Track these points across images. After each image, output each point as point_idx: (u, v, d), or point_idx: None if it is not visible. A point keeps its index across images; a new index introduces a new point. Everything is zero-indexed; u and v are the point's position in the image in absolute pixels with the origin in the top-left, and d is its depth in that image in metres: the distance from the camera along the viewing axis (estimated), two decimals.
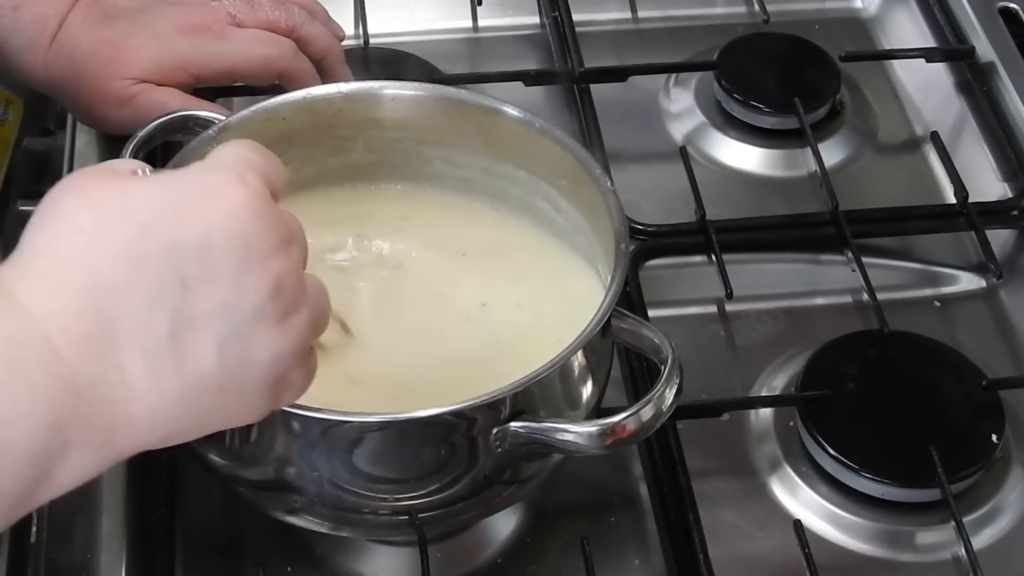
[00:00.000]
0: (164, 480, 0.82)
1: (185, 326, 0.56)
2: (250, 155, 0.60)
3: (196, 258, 0.56)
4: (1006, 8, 1.12)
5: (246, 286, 0.57)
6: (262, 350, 0.58)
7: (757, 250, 0.99)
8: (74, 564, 0.75)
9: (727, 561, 0.80)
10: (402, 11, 1.14)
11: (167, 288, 0.55)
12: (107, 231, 0.55)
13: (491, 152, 0.83)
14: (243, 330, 0.57)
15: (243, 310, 0.57)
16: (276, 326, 0.58)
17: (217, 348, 0.56)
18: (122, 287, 0.55)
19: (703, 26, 1.16)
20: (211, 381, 0.57)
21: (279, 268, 0.58)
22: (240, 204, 0.57)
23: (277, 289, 0.58)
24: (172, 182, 0.58)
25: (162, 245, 0.55)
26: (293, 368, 0.60)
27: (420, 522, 0.72)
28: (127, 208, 0.56)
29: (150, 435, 0.57)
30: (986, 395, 0.87)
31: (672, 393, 0.70)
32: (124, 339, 0.55)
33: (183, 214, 0.56)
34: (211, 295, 0.56)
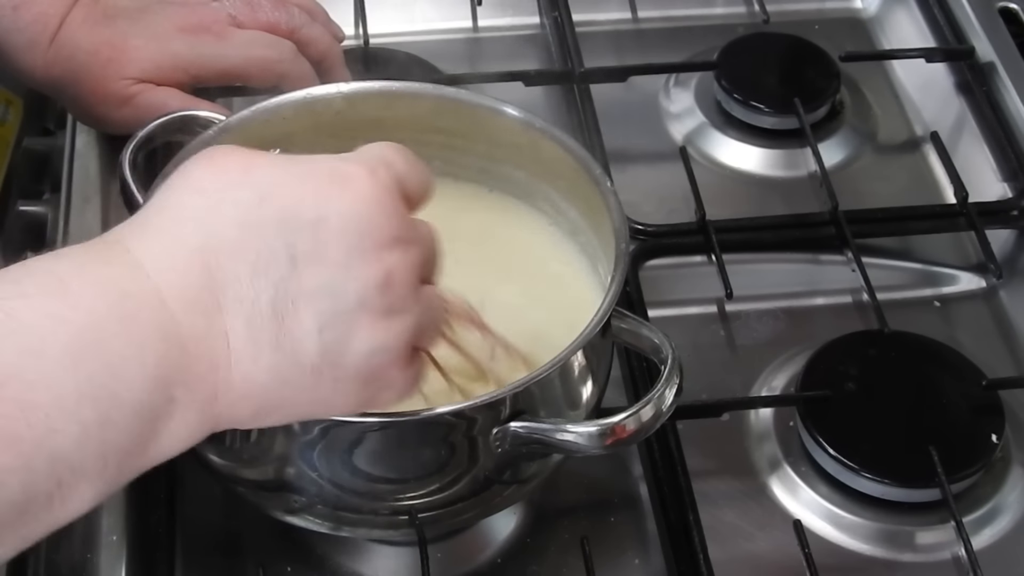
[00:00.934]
0: (164, 480, 0.82)
1: (289, 301, 0.56)
2: (391, 155, 0.61)
3: (309, 235, 0.56)
4: (1006, 8, 1.12)
5: (354, 272, 0.57)
6: (361, 340, 0.58)
7: (757, 250, 0.99)
8: (74, 564, 0.75)
9: (727, 561, 0.80)
10: (402, 11, 1.14)
11: (276, 260, 0.56)
12: (227, 195, 0.57)
13: (491, 152, 0.83)
14: (345, 316, 0.57)
15: (348, 296, 0.57)
16: (379, 319, 0.58)
17: (317, 329, 0.57)
18: (233, 251, 0.56)
19: (703, 26, 1.16)
20: (306, 360, 0.57)
21: (392, 263, 0.58)
22: (364, 193, 0.58)
23: (386, 282, 0.58)
24: (301, 163, 0.59)
25: (277, 217, 0.56)
26: (392, 367, 0.60)
27: (420, 522, 0.72)
28: (250, 177, 0.57)
29: (244, 405, 0.57)
30: (986, 395, 0.87)
31: (672, 393, 0.70)
32: (229, 304, 0.56)
33: (304, 191, 0.57)
34: (318, 274, 0.56)
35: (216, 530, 0.82)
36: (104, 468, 0.52)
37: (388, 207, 0.58)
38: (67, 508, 0.52)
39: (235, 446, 0.71)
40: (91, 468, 0.52)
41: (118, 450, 0.53)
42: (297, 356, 0.57)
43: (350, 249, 0.57)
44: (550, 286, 0.81)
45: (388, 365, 0.59)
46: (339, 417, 0.65)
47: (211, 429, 0.57)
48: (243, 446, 0.70)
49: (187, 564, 0.80)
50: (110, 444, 0.52)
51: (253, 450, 0.70)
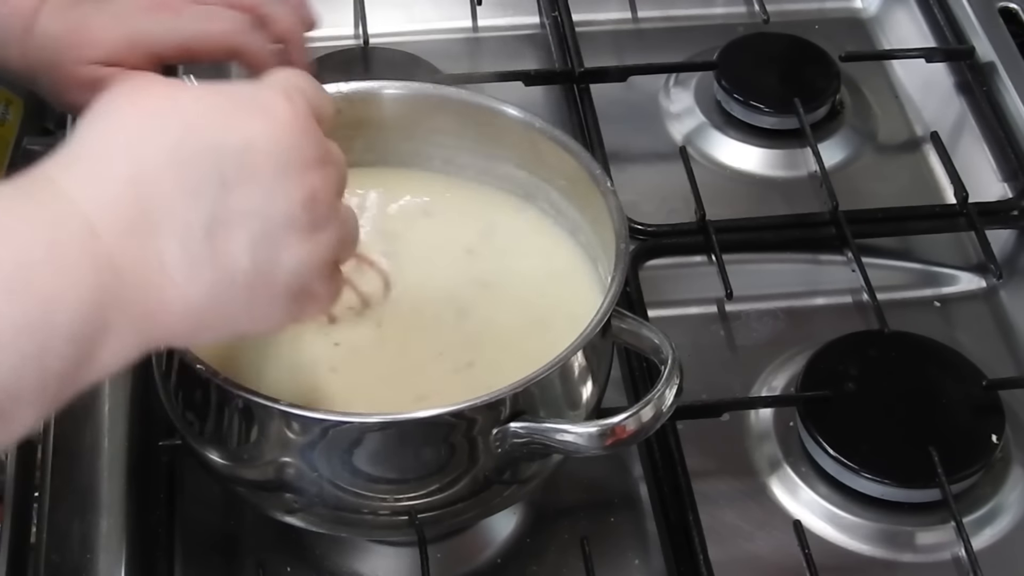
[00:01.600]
0: (164, 480, 0.82)
1: (221, 222, 0.58)
2: (300, 81, 0.64)
3: (237, 160, 0.59)
4: (1006, 8, 1.12)
5: (281, 193, 0.60)
6: (290, 256, 0.61)
7: (757, 250, 0.99)
8: (74, 564, 0.75)
9: (727, 561, 0.80)
10: (402, 11, 1.14)
11: (207, 185, 0.58)
12: (154, 128, 0.59)
13: (491, 152, 0.83)
14: (274, 233, 0.60)
15: (276, 215, 0.60)
16: (305, 236, 0.61)
17: (249, 247, 0.59)
18: (164, 180, 0.58)
19: (703, 26, 1.16)
20: (241, 278, 0.59)
21: (314, 182, 0.61)
22: (284, 118, 0.60)
23: (310, 201, 0.61)
24: (221, 91, 0.62)
25: (206, 144, 0.58)
26: (317, 280, 0.63)
27: (420, 522, 0.72)
28: (175, 108, 0.59)
29: (182, 324, 0.59)
30: (986, 395, 0.87)
31: (672, 393, 0.70)
32: (163, 228, 0.57)
33: (229, 119, 0.60)
34: (248, 196, 0.59)
35: (216, 530, 0.82)
36: (43, 392, 0.54)
37: (307, 129, 0.61)
38: (7, 431, 0.54)
39: (235, 446, 0.71)
40: (31, 394, 0.54)
41: (57, 375, 0.54)
42: (231, 273, 0.59)
43: (276, 171, 0.60)
44: (550, 286, 0.81)
45: (314, 278, 0.62)
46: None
47: (148, 347, 0.59)
48: (243, 446, 0.70)
49: (187, 564, 0.80)
50: (49, 371, 0.54)
51: (253, 450, 0.70)
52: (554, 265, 0.82)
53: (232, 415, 0.69)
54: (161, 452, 0.81)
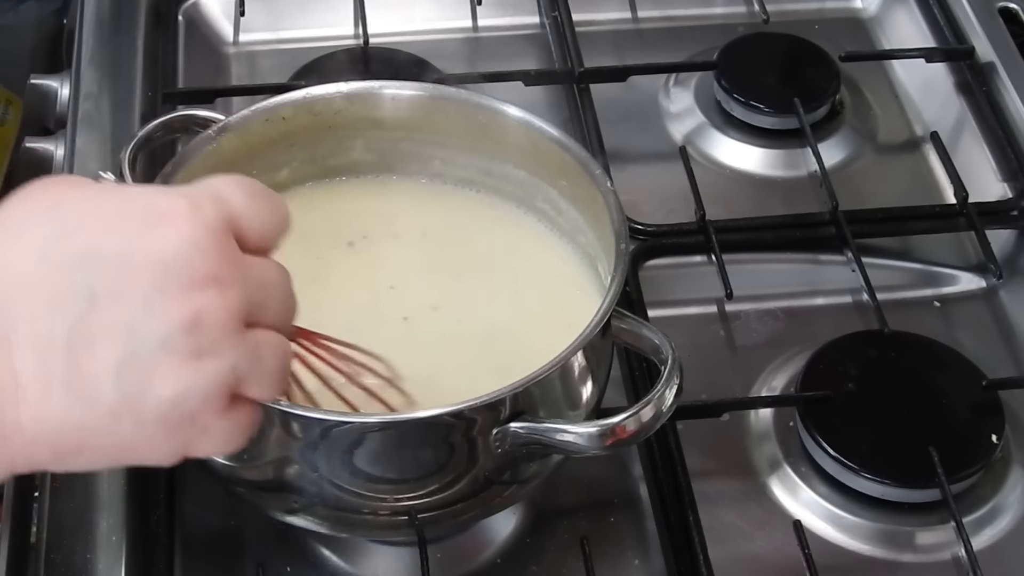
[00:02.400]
0: (164, 480, 0.82)
1: (84, 339, 0.53)
2: (228, 190, 0.57)
3: (110, 272, 0.53)
4: (1006, 8, 1.12)
5: (157, 311, 0.53)
6: (163, 383, 0.54)
7: (757, 250, 0.98)
8: (74, 564, 0.75)
9: (727, 561, 0.80)
10: (402, 11, 1.14)
11: (73, 296, 0.53)
12: (30, 230, 0.54)
13: (491, 152, 0.83)
14: (144, 356, 0.53)
15: (148, 336, 0.53)
16: (185, 363, 0.54)
17: (114, 368, 0.53)
18: (27, 287, 0.53)
19: (703, 26, 1.16)
20: (102, 403, 0.54)
21: (204, 303, 0.54)
22: (177, 230, 0.54)
23: (194, 323, 0.54)
24: (119, 195, 0.56)
25: (78, 252, 0.53)
26: (203, 413, 0.55)
27: (420, 522, 0.72)
28: (57, 211, 0.54)
29: (39, 447, 0.54)
30: (986, 395, 0.87)
31: (672, 393, 0.70)
32: (20, 341, 0.53)
33: (111, 227, 0.54)
34: (118, 313, 0.53)
35: (216, 530, 0.82)
36: None
37: (205, 244, 0.54)
38: None
39: None
40: None
41: None
42: (91, 397, 0.53)
43: (155, 286, 0.53)
44: (550, 286, 0.81)
45: (198, 411, 0.55)
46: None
47: (8, 469, 0.55)
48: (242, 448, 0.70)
49: (187, 564, 0.80)
50: None
51: (253, 450, 0.70)
52: (554, 265, 0.82)
53: None
54: None
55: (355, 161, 0.85)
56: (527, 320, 0.78)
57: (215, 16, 1.14)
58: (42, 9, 1.21)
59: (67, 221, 0.54)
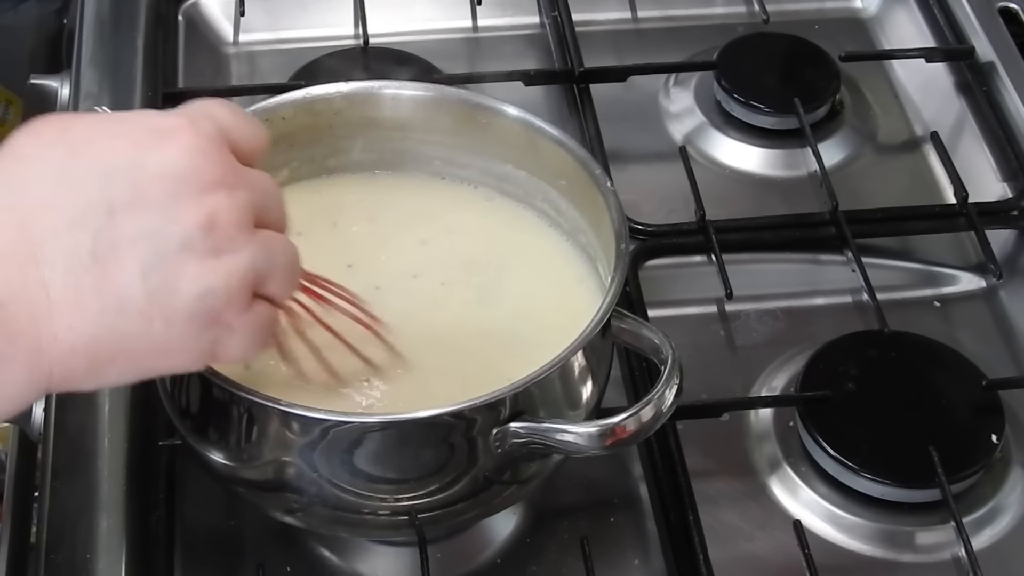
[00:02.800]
0: (164, 480, 0.82)
1: (109, 248, 0.56)
2: (215, 109, 0.61)
3: (126, 183, 0.56)
4: (1006, 8, 1.12)
5: (174, 215, 0.56)
6: (189, 281, 0.57)
7: (757, 250, 0.99)
8: (74, 564, 0.75)
9: (727, 561, 0.80)
10: (402, 11, 1.14)
11: (92, 209, 0.56)
12: (41, 155, 0.57)
13: (491, 152, 0.83)
14: (168, 258, 0.56)
15: (169, 238, 0.56)
16: (206, 260, 0.57)
17: (140, 272, 0.56)
18: (47, 206, 0.56)
19: (703, 26, 1.16)
20: (133, 304, 0.56)
21: (215, 204, 0.57)
22: (183, 142, 0.58)
23: (209, 223, 0.57)
24: (119, 117, 0.60)
25: (91, 168, 0.56)
26: (227, 309, 0.59)
27: (420, 522, 0.72)
28: (64, 136, 0.57)
29: (76, 359, 0.56)
30: (986, 395, 0.87)
31: (672, 393, 0.70)
32: (47, 256, 0.55)
33: (119, 143, 0.57)
34: (137, 220, 0.56)
35: (216, 530, 0.82)
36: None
37: (208, 151, 0.58)
38: None
39: (235, 446, 0.71)
40: None
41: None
42: (122, 301, 0.56)
43: (169, 193, 0.57)
44: (550, 286, 0.81)
45: (222, 307, 0.58)
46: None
47: (45, 386, 0.57)
48: (243, 446, 0.70)
49: (187, 564, 0.80)
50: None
51: (253, 450, 0.70)
52: (554, 265, 0.82)
53: (232, 415, 0.69)
54: (161, 452, 0.81)
55: (355, 161, 0.85)
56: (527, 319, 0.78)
57: (215, 16, 1.14)
58: (42, 9, 1.22)
59: (77, 143, 0.57)
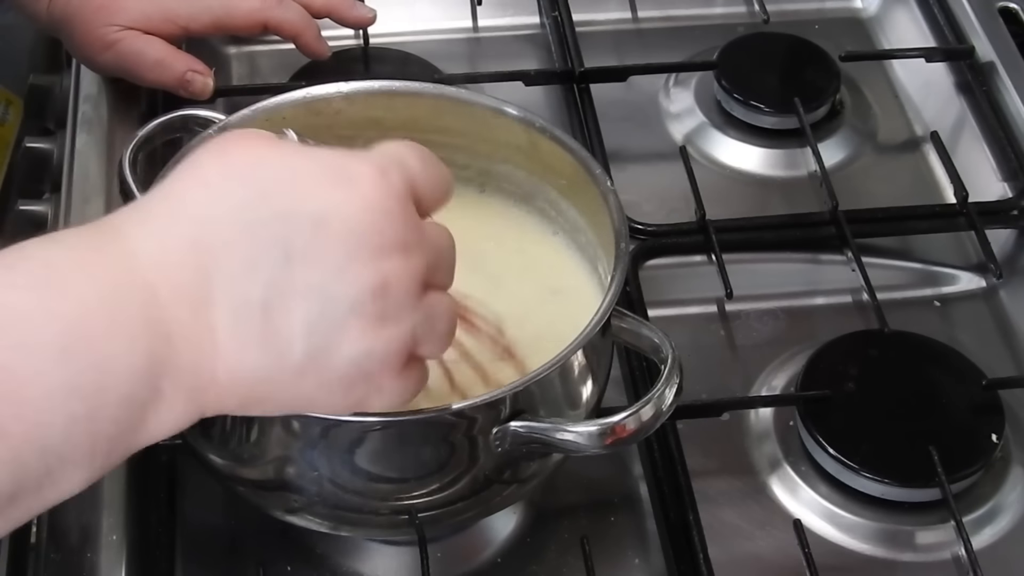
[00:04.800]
0: (164, 480, 0.82)
1: (279, 299, 0.55)
2: (406, 155, 0.60)
3: (307, 234, 0.55)
4: (1006, 8, 1.12)
5: (349, 276, 0.56)
6: (349, 345, 0.57)
7: (757, 250, 0.99)
8: (74, 563, 0.75)
9: (727, 561, 0.80)
10: (402, 11, 1.14)
11: (269, 256, 0.55)
12: (228, 189, 0.56)
13: (491, 152, 0.83)
14: (335, 319, 0.56)
15: (339, 299, 0.56)
16: (371, 326, 0.57)
17: (305, 329, 0.56)
18: (227, 248, 0.55)
19: (703, 26, 1.16)
20: (292, 360, 0.56)
21: (390, 269, 0.57)
22: (369, 196, 0.57)
23: (382, 289, 0.56)
24: (312, 155, 0.58)
25: (276, 212, 0.55)
26: (382, 374, 0.58)
27: (420, 522, 0.72)
28: (255, 171, 0.57)
29: (230, 397, 0.57)
30: (986, 395, 0.87)
31: (672, 393, 0.70)
32: (218, 298, 0.55)
33: (307, 187, 0.56)
34: (311, 275, 0.56)
35: (216, 530, 0.82)
36: (92, 456, 0.53)
37: (394, 211, 0.57)
38: (57, 492, 0.53)
39: (235, 446, 0.71)
40: (80, 457, 0.53)
41: (106, 439, 0.53)
42: (282, 355, 0.56)
43: (348, 252, 0.56)
44: (550, 286, 0.81)
45: (378, 372, 0.58)
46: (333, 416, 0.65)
47: (198, 416, 0.57)
48: (243, 446, 0.70)
49: (187, 563, 0.80)
50: (98, 434, 0.53)
51: (253, 450, 0.70)
52: (554, 265, 0.82)
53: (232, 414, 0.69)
54: (161, 451, 0.81)
55: None
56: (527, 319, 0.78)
57: None
58: None
59: (266, 183, 0.56)
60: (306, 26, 0.97)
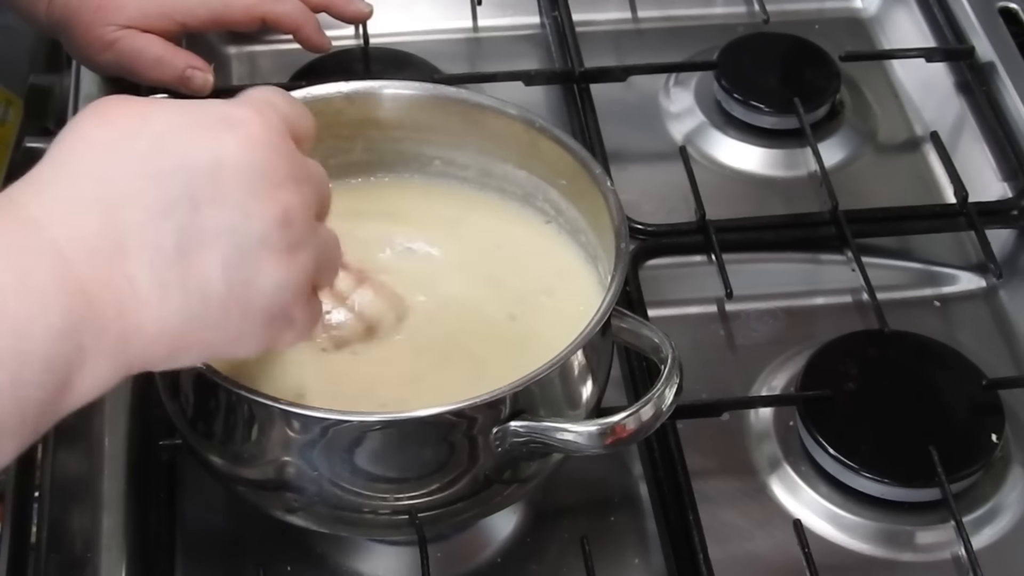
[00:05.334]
0: (164, 480, 0.82)
1: (193, 242, 0.57)
2: (273, 97, 0.62)
3: (206, 179, 0.57)
4: (1006, 8, 1.12)
5: (254, 211, 0.58)
6: (266, 277, 0.59)
7: (757, 250, 0.99)
8: (74, 564, 0.75)
9: (727, 561, 0.80)
10: (402, 11, 1.14)
11: (177, 204, 0.57)
12: (121, 146, 0.57)
13: (491, 152, 0.83)
14: (249, 253, 0.58)
15: (250, 234, 0.58)
16: (281, 256, 0.59)
17: (222, 267, 0.57)
18: (132, 200, 0.56)
19: (703, 26, 1.16)
20: (214, 298, 0.58)
21: (288, 200, 0.59)
22: (255, 135, 0.59)
23: (285, 220, 0.59)
24: (190, 107, 0.60)
25: (174, 163, 0.57)
26: (295, 304, 0.60)
27: (420, 522, 0.72)
28: (143, 126, 0.58)
29: (157, 347, 0.58)
30: (986, 395, 0.87)
31: (672, 392, 0.70)
32: (132, 251, 0.56)
33: (197, 135, 0.58)
34: (219, 216, 0.57)
35: (216, 530, 0.82)
36: (23, 424, 0.53)
37: (278, 145, 0.59)
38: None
39: (235, 446, 0.71)
40: (10, 425, 0.53)
41: (35, 404, 0.53)
42: (205, 295, 0.58)
43: (247, 189, 0.58)
44: (549, 286, 0.81)
45: (292, 301, 0.60)
46: (335, 417, 0.66)
47: (126, 372, 0.57)
48: (243, 446, 0.70)
49: (187, 563, 0.80)
50: (27, 400, 0.53)
51: (253, 450, 0.70)
52: (554, 265, 0.82)
53: (232, 414, 0.70)
54: (161, 451, 0.81)
55: (355, 161, 0.85)
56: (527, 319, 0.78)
57: None
58: None
59: (157, 135, 0.58)
60: (305, 19, 0.98)
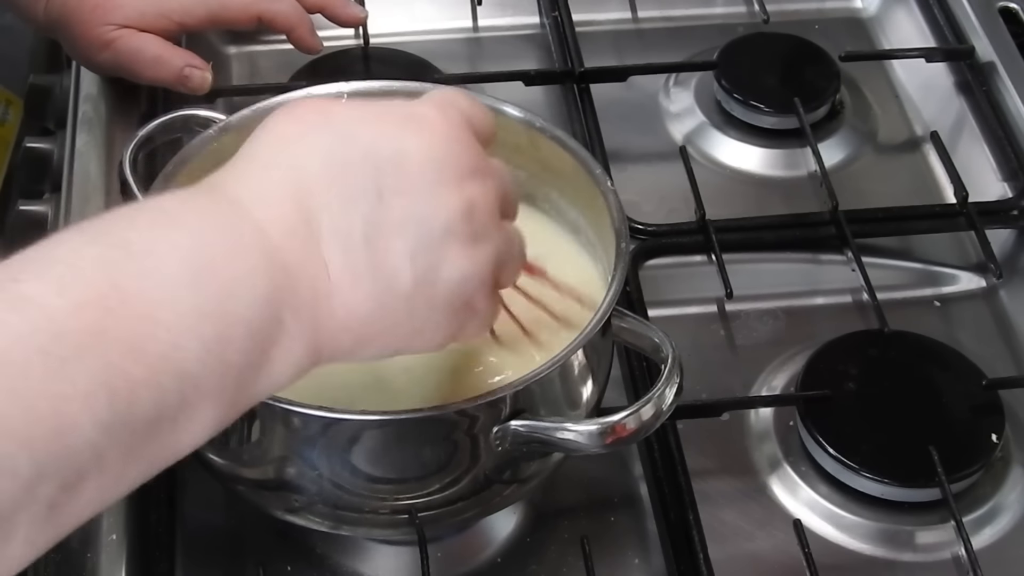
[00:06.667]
0: (164, 480, 0.82)
1: (379, 232, 0.58)
2: (455, 97, 0.64)
3: (392, 169, 0.58)
4: (1006, 8, 1.12)
5: (438, 202, 0.59)
6: (451, 266, 0.60)
7: (757, 250, 0.99)
8: (74, 563, 0.75)
9: (727, 561, 0.80)
10: (402, 11, 1.14)
11: (364, 193, 0.58)
12: (310, 139, 0.59)
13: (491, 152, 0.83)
14: (433, 244, 0.59)
15: (434, 225, 0.59)
16: (466, 246, 0.60)
17: (408, 257, 0.59)
18: (322, 189, 0.58)
19: (703, 26, 1.16)
20: (401, 288, 0.59)
21: (472, 192, 0.60)
22: (438, 130, 0.60)
23: (469, 211, 0.60)
24: (377, 106, 0.62)
25: (361, 153, 0.59)
26: (478, 294, 0.61)
27: (420, 521, 0.72)
28: (329, 120, 0.60)
29: (345, 335, 0.58)
30: (986, 395, 0.87)
31: (672, 392, 0.70)
32: (324, 236, 0.57)
33: (383, 129, 0.60)
34: (404, 206, 0.58)
35: (216, 530, 0.82)
36: (223, 390, 0.54)
37: (463, 141, 0.61)
38: (191, 431, 0.53)
39: (235, 445, 0.71)
40: (212, 387, 0.53)
41: (235, 370, 0.54)
42: (392, 284, 0.59)
43: (432, 180, 0.59)
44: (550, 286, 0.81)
45: (475, 292, 0.61)
46: (338, 417, 0.65)
47: (315, 360, 0.58)
48: (243, 445, 0.70)
49: (187, 564, 0.80)
50: (228, 363, 0.53)
51: (253, 449, 0.70)
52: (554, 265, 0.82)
53: None
54: None
55: None
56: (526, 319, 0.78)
57: None
58: None
59: (343, 128, 0.59)
60: (300, 20, 0.99)
